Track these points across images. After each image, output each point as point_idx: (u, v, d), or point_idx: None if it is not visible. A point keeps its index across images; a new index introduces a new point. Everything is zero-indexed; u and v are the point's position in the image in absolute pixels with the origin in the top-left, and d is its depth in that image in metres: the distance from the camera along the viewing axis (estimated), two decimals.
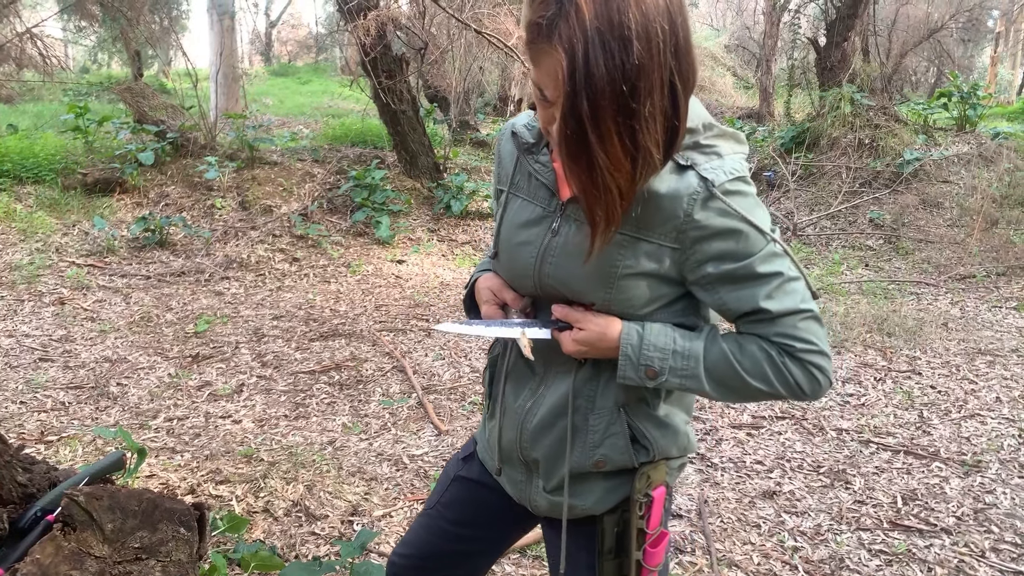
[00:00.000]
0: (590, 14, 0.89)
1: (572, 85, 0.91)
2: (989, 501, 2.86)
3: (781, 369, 1.06)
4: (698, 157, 1.03)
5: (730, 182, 1.02)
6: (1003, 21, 20.25)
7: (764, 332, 1.07)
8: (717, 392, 1.10)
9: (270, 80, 20.89)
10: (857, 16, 9.91)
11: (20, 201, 6.39)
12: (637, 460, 1.16)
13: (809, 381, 1.07)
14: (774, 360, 1.06)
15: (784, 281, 1.05)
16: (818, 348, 1.06)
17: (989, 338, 4.75)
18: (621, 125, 0.92)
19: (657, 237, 1.04)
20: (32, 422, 3.33)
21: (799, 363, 1.06)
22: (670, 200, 1.01)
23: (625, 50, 0.89)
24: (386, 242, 6.74)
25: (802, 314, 1.06)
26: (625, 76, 0.90)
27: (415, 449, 3.24)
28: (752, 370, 1.07)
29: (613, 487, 1.19)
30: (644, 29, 0.89)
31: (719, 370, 1.08)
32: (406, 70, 7.42)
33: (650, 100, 0.92)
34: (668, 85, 0.93)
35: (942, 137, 9.01)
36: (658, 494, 1.16)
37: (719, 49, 19.87)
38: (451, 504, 1.37)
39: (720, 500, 2.87)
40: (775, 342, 1.06)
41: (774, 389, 1.08)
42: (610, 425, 1.15)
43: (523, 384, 1.23)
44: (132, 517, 1.48)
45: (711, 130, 1.06)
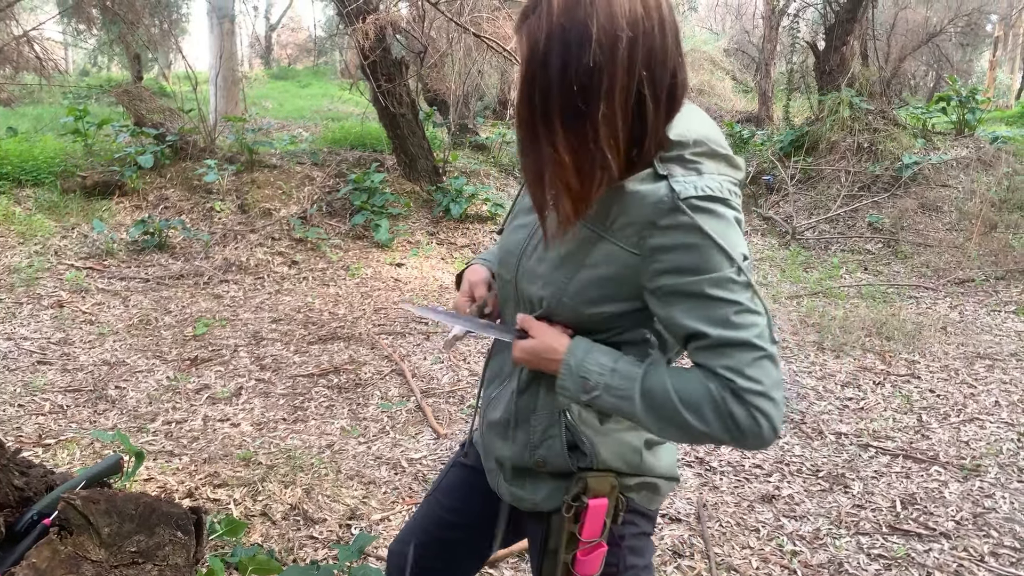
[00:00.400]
0: (558, 11, 0.93)
1: (527, 74, 0.96)
2: (988, 505, 2.86)
3: (719, 405, 0.97)
4: (676, 169, 1.01)
5: (699, 199, 0.98)
6: (1001, 25, 20.29)
7: (709, 363, 0.99)
8: (650, 421, 1.04)
9: (270, 83, 20.90)
10: (856, 20, 9.93)
11: (19, 204, 6.39)
12: (575, 465, 1.16)
13: (751, 425, 0.96)
14: (712, 394, 0.98)
15: (739, 311, 0.97)
16: (764, 391, 0.96)
17: (988, 342, 4.75)
18: (569, 121, 0.95)
19: (620, 240, 1.03)
20: (30, 425, 3.33)
21: (741, 402, 0.96)
22: (637, 205, 1.01)
23: (582, 49, 0.92)
24: (385, 245, 6.74)
25: (754, 350, 0.97)
26: (578, 75, 0.93)
27: (413, 453, 3.24)
28: (688, 402, 0.99)
29: (558, 487, 1.19)
30: (607, 34, 0.92)
31: (654, 397, 1.02)
32: (406, 74, 7.43)
33: (605, 103, 0.94)
34: (633, 93, 0.95)
35: (941, 141, 9.02)
36: (595, 503, 1.14)
37: (718, 53, 19.88)
38: (447, 490, 1.40)
39: (719, 504, 2.87)
40: (718, 374, 0.98)
41: (710, 427, 0.98)
42: (549, 427, 1.16)
43: (493, 378, 1.29)
44: (129, 521, 1.47)
45: (700, 147, 1.03)
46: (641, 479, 1.20)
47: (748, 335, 0.97)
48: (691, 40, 19.99)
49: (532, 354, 1.12)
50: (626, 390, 1.04)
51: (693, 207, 0.98)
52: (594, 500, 1.14)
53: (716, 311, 0.98)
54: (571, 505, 1.15)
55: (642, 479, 1.20)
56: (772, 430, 0.97)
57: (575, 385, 1.07)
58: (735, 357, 0.97)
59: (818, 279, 6.46)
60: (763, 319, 0.99)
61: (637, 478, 1.19)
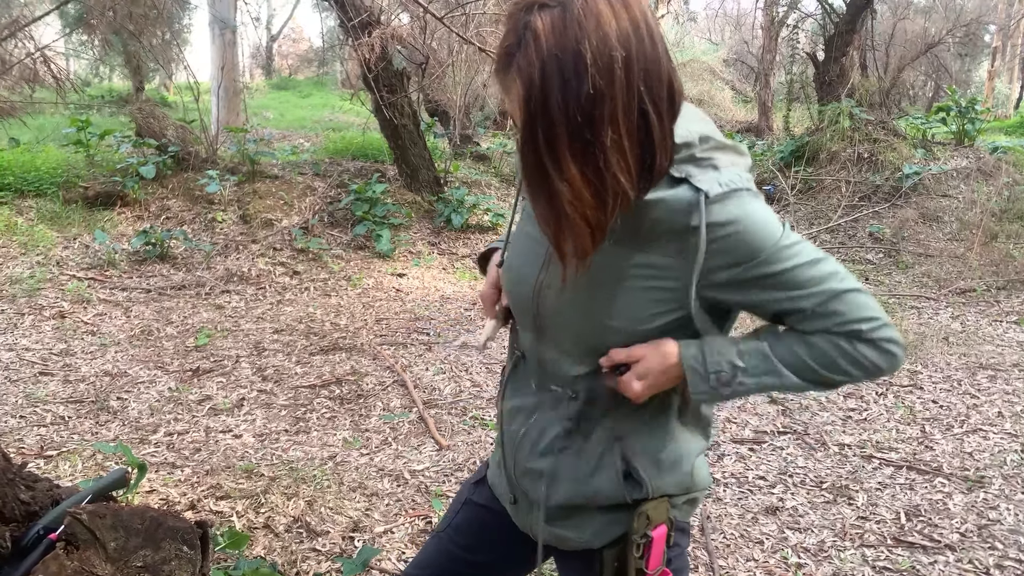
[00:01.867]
0: (547, 43, 0.88)
1: (528, 114, 0.91)
2: (993, 517, 2.85)
3: (855, 357, 1.01)
4: (693, 170, 1.00)
5: (726, 193, 0.99)
6: (1000, 36, 20.39)
7: (821, 325, 1.01)
8: (797, 383, 1.05)
9: (271, 93, 20.98)
10: (855, 31, 9.98)
11: (21, 214, 6.40)
12: (631, 496, 1.12)
13: (886, 358, 1.02)
14: (845, 350, 1.01)
15: (808, 268, 0.99)
16: (880, 322, 1.01)
17: (990, 352, 4.75)
18: (579, 154, 0.91)
19: (656, 252, 1.01)
20: (32, 437, 3.32)
21: (869, 344, 1.01)
22: (665, 213, 0.99)
23: (580, 78, 0.88)
24: (387, 255, 6.74)
25: (846, 295, 1.00)
26: (580, 105, 0.89)
27: (416, 464, 3.23)
28: (825, 362, 1.02)
29: (611, 521, 1.15)
30: (603, 57, 0.88)
31: (792, 364, 1.03)
32: (407, 84, 7.46)
33: (611, 128, 0.90)
34: (637, 112, 0.92)
35: (941, 151, 9.04)
36: (658, 533, 1.12)
37: (718, 63, 19.96)
38: (461, 528, 1.35)
39: (723, 516, 2.86)
40: (839, 332, 1.00)
41: (851, 376, 1.03)
42: (603, 456, 1.12)
43: (517, 411, 1.22)
44: (135, 535, 1.47)
45: (707, 143, 1.03)
46: (687, 496, 1.19)
47: (832, 285, 1.00)
48: (690, 51, 20.06)
49: (651, 372, 1.05)
50: (763, 366, 1.04)
51: (722, 199, 0.98)
52: (656, 530, 1.12)
53: (792, 282, 1.00)
54: (639, 543, 1.11)
55: (688, 496, 1.19)
56: (902, 349, 1.03)
57: (710, 386, 1.04)
58: (837, 310, 1.00)
59: None
60: (830, 262, 1.01)
61: (684, 496, 1.18)
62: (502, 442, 1.26)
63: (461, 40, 5.59)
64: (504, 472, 1.27)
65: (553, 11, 0.89)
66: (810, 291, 1.00)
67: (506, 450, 1.24)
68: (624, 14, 0.90)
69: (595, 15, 0.89)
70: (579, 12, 0.88)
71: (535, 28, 0.89)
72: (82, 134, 7.28)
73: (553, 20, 0.89)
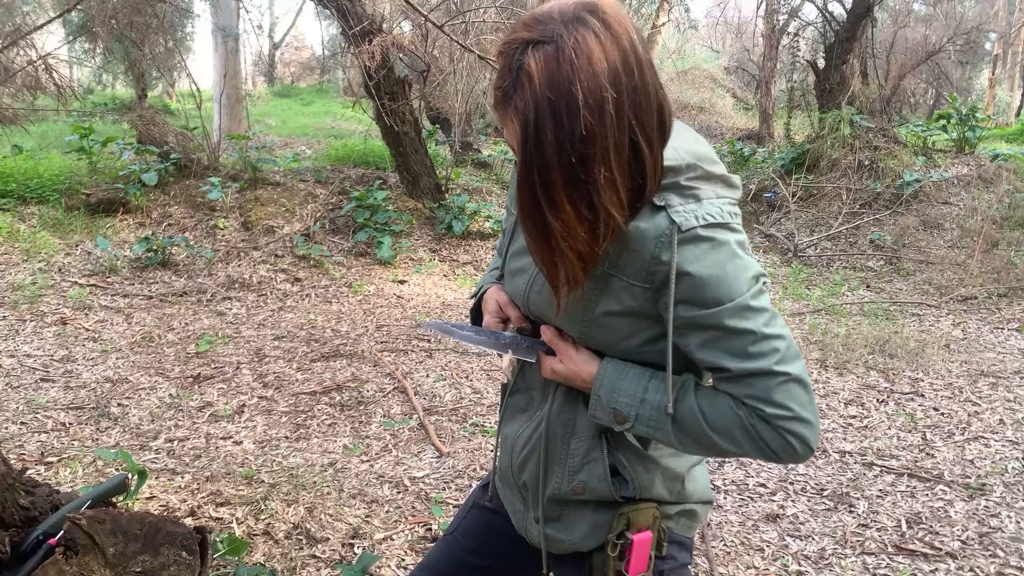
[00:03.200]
0: (540, 84, 0.89)
1: (524, 155, 0.92)
2: (994, 525, 2.84)
3: (751, 433, 0.99)
4: (673, 199, 1.00)
5: (702, 228, 0.97)
6: (1000, 43, 20.42)
7: (734, 392, 1.00)
8: (685, 446, 1.05)
9: (273, 101, 21.05)
10: (856, 39, 10.00)
11: (24, 221, 6.42)
12: (618, 493, 1.12)
13: (784, 447, 0.98)
14: (743, 423, 0.99)
15: (757, 340, 0.97)
16: (794, 414, 0.97)
17: (991, 360, 4.74)
18: (573, 192, 0.92)
19: (629, 276, 1.02)
20: (32, 443, 3.32)
21: (771, 428, 0.98)
22: (638, 240, 0.99)
23: (573, 118, 0.88)
24: (388, 262, 6.75)
25: (777, 377, 0.97)
26: (573, 145, 0.89)
27: (416, 471, 3.23)
28: (721, 429, 1.01)
29: (599, 523, 1.15)
30: (594, 96, 0.89)
31: (687, 425, 1.03)
32: (409, 92, 7.48)
33: (603, 165, 0.91)
34: (627, 146, 0.92)
35: (941, 159, 9.05)
36: (640, 538, 1.11)
37: (719, 71, 20.02)
38: (468, 532, 1.36)
39: (723, 523, 2.86)
40: (746, 404, 0.99)
41: (743, 449, 1.01)
42: (590, 451, 1.13)
43: (521, 410, 1.24)
44: (134, 541, 1.47)
45: (695, 171, 1.02)
46: (682, 507, 1.18)
47: (768, 364, 0.97)
48: (692, 58, 20.12)
49: (563, 377, 1.11)
50: (657, 420, 1.04)
51: (696, 237, 0.97)
52: (638, 535, 1.12)
53: (733, 343, 0.98)
54: (616, 543, 1.12)
55: (682, 507, 1.18)
56: (807, 448, 0.99)
57: (606, 416, 1.07)
58: (758, 387, 0.98)
59: (820, 296, 6.47)
60: (783, 341, 0.99)
61: (678, 506, 1.17)
62: (499, 446, 1.28)
63: (462, 48, 5.62)
64: (502, 477, 1.29)
65: (546, 49, 0.90)
66: (745, 360, 0.98)
67: (502, 450, 1.26)
68: (614, 49, 0.90)
69: (586, 54, 0.89)
70: (571, 52, 0.89)
71: (528, 69, 0.90)
72: (85, 141, 7.30)
73: (546, 59, 0.89)
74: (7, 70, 5.01)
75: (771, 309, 1.00)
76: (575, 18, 0.90)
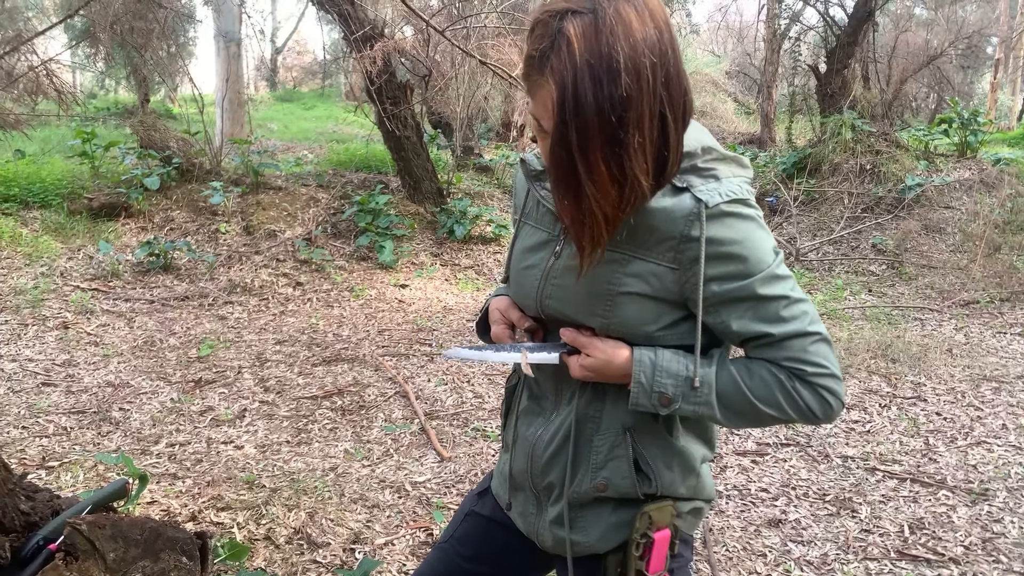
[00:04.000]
0: (580, 48, 0.92)
1: (562, 115, 0.94)
2: (997, 530, 2.83)
3: (792, 394, 1.04)
4: (695, 179, 1.04)
5: (725, 204, 1.02)
6: (1002, 48, 20.43)
7: (772, 356, 1.05)
8: (729, 419, 1.08)
9: (275, 105, 21.10)
10: (857, 44, 10.01)
11: (26, 225, 6.43)
12: (640, 490, 1.13)
13: (821, 405, 1.05)
14: (784, 385, 1.04)
15: (789, 303, 1.04)
16: (829, 371, 1.04)
17: (994, 364, 4.73)
18: (609, 155, 0.95)
19: (654, 257, 1.05)
20: (34, 447, 3.32)
21: (810, 387, 1.04)
22: (664, 221, 1.02)
23: (613, 82, 0.92)
24: (389, 267, 6.75)
25: (811, 337, 1.04)
26: (613, 107, 0.93)
27: (417, 476, 3.22)
28: (763, 396, 1.05)
29: (617, 524, 1.16)
30: (633, 62, 0.92)
31: (730, 397, 1.06)
32: (410, 97, 7.49)
33: (638, 131, 0.95)
34: (658, 116, 0.96)
35: (943, 163, 9.05)
36: (660, 536, 1.13)
37: (720, 75, 20.03)
38: (464, 540, 1.35)
39: (725, 528, 2.85)
40: (784, 367, 1.05)
41: (785, 414, 1.06)
42: (614, 447, 1.14)
43: (536, 413, 1.24)
44: (134, 546, 1.47)
45: (710, 154, 1.07)
46: (693, 504, 1.20)
47: (803, 325, 1.04)
48: (693, 63, 20.14)
49: (595, 369, 1.10)
50: (704, 396, 1.07)
51: (721, 213, 1.01)
52: (659, 533, 1.13)
53: (769, 309, 1.04)
54: (639, 542, 1.13)
55: (693, 504, 1.20)
56: (840, 403, 1.06)
57: (652, 402, 1.08)
58: (796, 348, 1.04)
59: (822, 301, 6.46)
60: (808, 304, 1.06)
61: (690, 503, 1.19)
62: (512, 449, 1.26)
63: (463, 53, 5.63)
64: (512, 477, 1.27)
65: (584, 17, 0.93)
66: (782, 324, 1.04)
67: (517, 454, 1.25)
68: (651, 22, 0.95)
69: (625, 23, 0.93)
70: (611, 19, 0.93)
71: (568, 34, 0.93)
72: (87, 146, 7.32)
73: (584, 27, 0.93)
74: (9, 75, 5.02)
75: (792, 276, 1.06)
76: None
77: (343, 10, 6.75)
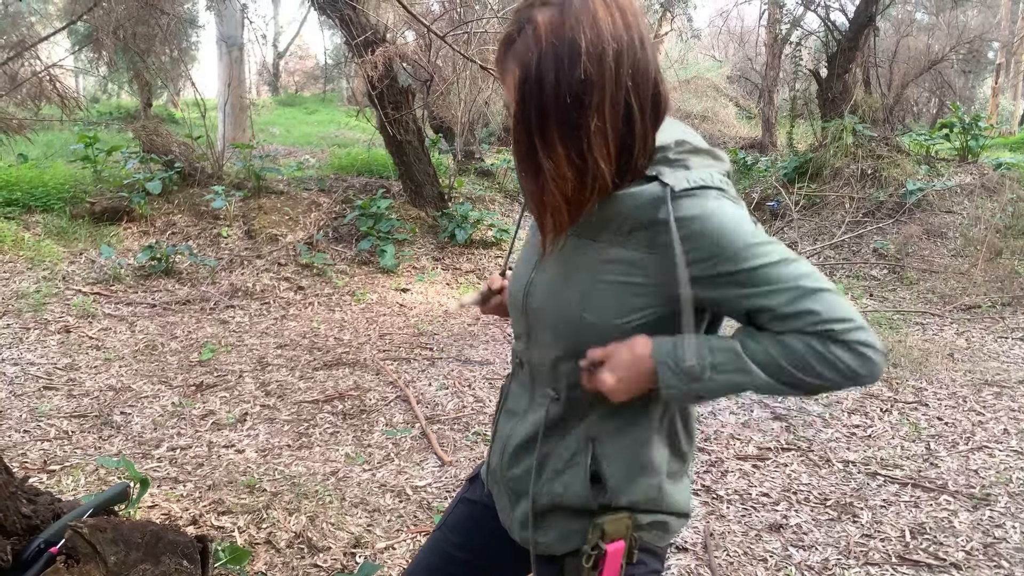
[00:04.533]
0: (545, 32, 0.97)
1: (522, 95, 0.98)
2: (999, 535, 2.83)
3: (829, 359, 0.97)
4: (664, 169, 1.04)
5: (695, 188, 1.01)
6: (1003, 53, 20.43)
7: (793, 326, 0.98)
8: (769, 383, 1.01)
9: (277, 110, 21.14)
10: (858, 48, 10.02)
11: (28, 229, 6.44)
12: (595, 500, 1.12)
13: (863, 362, 0.97)
14: (818, 351, 0.97)
15: (779, 267, 0.98)
16: (856, 322, 0.97)
17: (995, 369, 4.73)
18: (566, 135, 0.98)
19: (630, 245, 1.04)
20: (35, 451, 3.33)
21: (843, 346, 0.96)
22: (632, 208, 1.03)
23: (574, 64, 0.95)
24: (391, 271, 6.76)
25: (818, 293, 0.97)
26: (571, 89, 0.95)
27: (418, 480, 3.22)
28: (797, 363, 0.98)
29: (574, 529, 1.15)
30: (595, 47, 0.95)
31: (762, 363, 1.00)
32: (412, 101, 7.51)
33: (598, 115, 0.97)
34: (623, 104, 0.98)
35: (945, 167, 9.05)
36: (613, 548, 1.11)
37: (721, 80, 20.04)
38: (455, 527, 1.37)
39: (726, 533, 2.84)
40: (811, 332, 0.97)
41: (824, 380, 0.98)
42: (575, 455, 1.14)
43: (515, 412, 1.25)
44: (135, 549, 1.47)
45: (683, 146, 1.07)
46: (654, 517, 1.16)
47: (804, 283, 0.98)
48: (694, 67, 20.16)
49: (624, 367, 1.05)
50: (734, 362, 1.01)
51: (690, 195, 1.01)
52: (611, 545, 1.12)
53: (762, 279, 0.98)
54: (590, 554, 1.12)
55: (655, 517, 1.17)
56: (881, 355, 0.98)
57: (682, 380, 1.02)
58: (810, 308, 0.97)
59: None
60: (803, 262, 1.00)
61: (651, 516, 1.16)
62: (492, 443, 1.30)
63: (464, 58, 5.65)
64: (491, 474, 1.31)
65: (553, 8, 0.98)
66: (780, 287, 0.98)
67: (495, 448, 1.28)
68: (619, 17, 0.98)
69: (591, 13, 0.97)
70: (577, 9, 0.97)
71: (535, 20, 0.98)
72: (90, 150, 7.34)
73: (552, 15, 0.97)
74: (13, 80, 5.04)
75: (776, 240, 1.03)
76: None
77: (345, 15, 6.77)
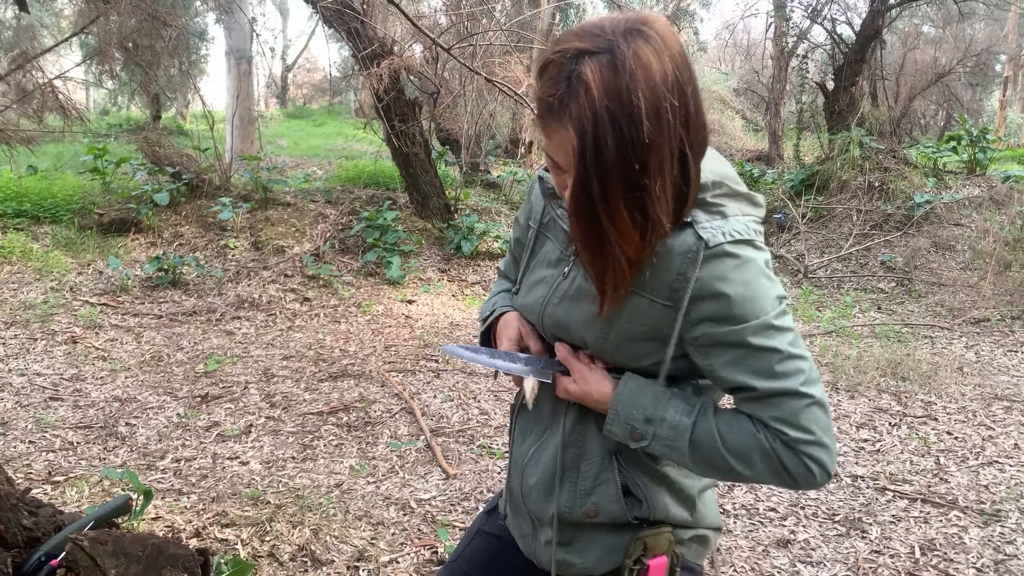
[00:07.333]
0: (599, 93, 0.89)
1: (582, 164, 0.91)
2: (1009, 552, 2.79)
3: (770, 455, 0.98)
4: (700, 215, 1.01)
5: (729, 244, 0.98)
6: (1010, 65, 20.42)
7: (758, 413, 0.99)
8: (698, 468, 1.04)
9: (285, 122, 21.27)
10: (865, 61, 10.03)
11: (37, 240, 6.47)
12: (631, 514, 1.11)
13: (803, 472, 0.98)
14: (763, 446, 0.98)
15: (783, 359, 0.97)
16: (816, 439, 0.97)
17: (1005, 383, 4.69)
18: (631, 201, 0.93)
19: (651, 293, 1.02)
20: (40, 462, 3.33)
21: (793, 452, 0.97)
22: (665, 256, 0.99)
23: (635, 128, 0.89)
24: (397, 282, 6.76)
25: (802, 399, 0.97)
26: (635, 154, 0.90)
27: (423, 493, 3.21)
28: (738, 452, 0.99)
29: (613, 546, 1.14)
30: (654, 107, 0.89)
31: (704, 446, 1.02)
32: (419, 114, 7.54)
33: (660, 175, 0.92)
34: (678, 155, 0.93)
35: (952, 180, 9.02)
36: (655, 564, 1.10)
37: (728, 92, 20.07)
38: (472, 560, 1.34)
39: (733, 548, 2.82)
40: (769, 426, 0.98)
41: (757, 474, 1.00)
42: (601, 472, 1.12)
43: (528, 431, 1.23)
44: (136, 563, 1.46)
45: (720, 188, 1.03)
46: (694, 531, 1.16)
47: (794, 384, 0.97)
48: (701, 80, 20.19)
49: (579, 398, 1.10)
50: (674, 440, 1.03)
51: (723, 253, 0.97)
52: (654, 560, 1.10)
53: (759, 362, 0.97)
54: (632, 569, 1.10)
55: (695, 531, 1.16)
56: (825, 474, 0.98)
57: (623, 432, 1.06)
58: (783, 408, 0.97)
59: (831, 318, 6.42)
60: (807, 362, 0.99)
61: (691, 531, 1.16)
62: (510, 466, 1.27)
63: (470, 71, 5.67)
64: (511, 496, 1.27)
65: (601, 59, 0.90)
66: (770, 379, 0.97)
67: (512, 472, 1.25)
68: (671, 66, 0.91)
69: (645, 65, 0.89)
70: (630, 63, 0.89)
71: (585, 78, 0.89)
72: (99, 162, 7.38)
73: (603, 69, 0.89)
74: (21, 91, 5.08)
75: (795, 330, 1.00)
76: (630, 30, 0.91)
77: (352, 28, 6.81)
